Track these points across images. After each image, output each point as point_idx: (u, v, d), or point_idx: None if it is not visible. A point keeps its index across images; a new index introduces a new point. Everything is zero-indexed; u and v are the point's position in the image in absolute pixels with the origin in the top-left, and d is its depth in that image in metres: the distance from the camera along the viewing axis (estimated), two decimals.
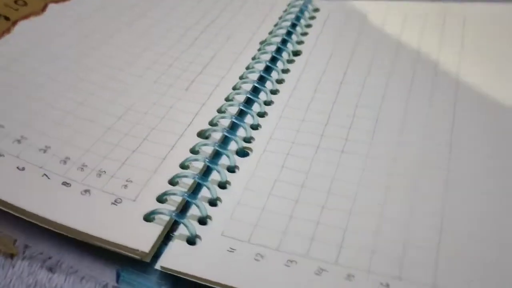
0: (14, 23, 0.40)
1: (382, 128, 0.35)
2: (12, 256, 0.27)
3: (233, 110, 0.35)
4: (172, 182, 0.30)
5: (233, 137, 0.33)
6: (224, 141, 0.33)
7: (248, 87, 0.37)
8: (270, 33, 0.44)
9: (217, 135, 0.33)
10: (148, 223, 0.27)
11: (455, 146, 0.33)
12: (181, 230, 0.28)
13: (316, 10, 0.48)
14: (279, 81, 0.39)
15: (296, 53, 0.42)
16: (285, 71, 0.40)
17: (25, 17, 0.40)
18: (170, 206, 0.28)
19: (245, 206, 0.29)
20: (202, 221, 0.29)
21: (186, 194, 0.29)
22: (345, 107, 0.36)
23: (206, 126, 0.34)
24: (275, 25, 0.45)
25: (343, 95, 0.38)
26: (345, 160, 0.32)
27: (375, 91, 0.38)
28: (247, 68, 0.39)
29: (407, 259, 0.26)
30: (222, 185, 0.31)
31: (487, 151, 0.33)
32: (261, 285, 0.25)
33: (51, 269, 0.26)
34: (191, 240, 0.28)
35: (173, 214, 0.27)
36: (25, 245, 0.27)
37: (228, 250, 0.27)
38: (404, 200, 0.30)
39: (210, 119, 0.34)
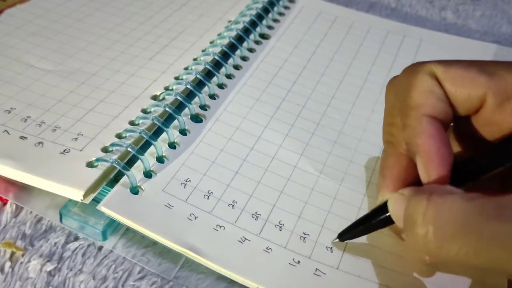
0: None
1: (332, 114, 0.37)
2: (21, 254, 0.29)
3: (191, 78, 0.37)
4: (120, 136, 0.32)
5: (185, 101, 0.34)
6: (179, 105, 0.35)
7: (208, 59, 0.39)
8: (241, 13, 0.45)
9: (171, 99, 0.35)
10: (90, 168, 0.29)
11: None
12: (127, 179, 0.30)
13: (292, 1, 0.50)
14: (243, 58, 0.41)
15: (264, 36, 0.44)
16: (251, 50, 0.42)
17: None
18: (113, 155, 0.30)
19: (189, 168, 0.31)
20: (147, 174, 0.30)
21: (130, 146, 0.30)
22: (300, 95, 0.38)
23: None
24: (247, 6, 0.46)
25: (299, 83, 0.40)
26: (287, 144, 0.34)
27: (329, 87, 0.40)
28: (211, 42, 0.41)
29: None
30: (171, 145, 0.32)
31: None
32: (189, 242, 0.27)
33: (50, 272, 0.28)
34: (134, 190, 0.29)
35: (114, 161, 0.29)
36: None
37: (165, 205, 0.29)
38: (330, 190, 0.31)
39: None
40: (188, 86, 0.35)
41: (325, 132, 0.35)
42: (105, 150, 0.31)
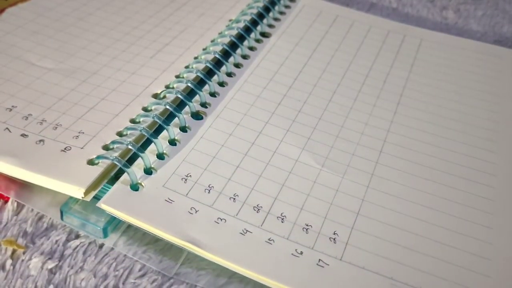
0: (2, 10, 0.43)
1: (333, 109, 0.37)
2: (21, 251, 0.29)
3: (191, 76, 0.37)
4: (121, 134, 0.32)
5: (185, 99, 0.34)
6: (179, 103, 0.35)
7: (209, 57, 0.39)
8: (242, 12, 0.46)
9: (171, 97, 0.35)
10: (91, 166, 0.29)
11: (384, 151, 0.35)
12: (127, 176, 0.29)
13: (293, 0, 0.50)
14: (244, 57, 0.41)
15: (265, 35, 0.44)
16: (252, 48, 0.42)
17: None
18: (114, 153, 0.30)
19: (189, 164, 0.31)
20: (147, 171, 0.30)
21: (130, 143, 0.30)
22: (301, 92, 0.38)
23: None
24: (248, 5, 0.46)
25: (300, 80, 0.40)
26: (288, 139, 0.34)
27: (330, 83, 0.40)
28: (212, 41, 0.41)
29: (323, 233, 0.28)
30: (172, 142, 0.32)
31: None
32: (190, 235, 0.27)
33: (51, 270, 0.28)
34: (134, 187, 0.29)
35: (115, 159, 0.29)
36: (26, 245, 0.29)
37: (166, 200, 0.29)
38: (332, 182, 0.31)
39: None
40: (189, 85, 0.35)
41: (326, 126, 0.35)
42: (106, 147, 0.31)
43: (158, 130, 0.32)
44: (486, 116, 0.38)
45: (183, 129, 0.33)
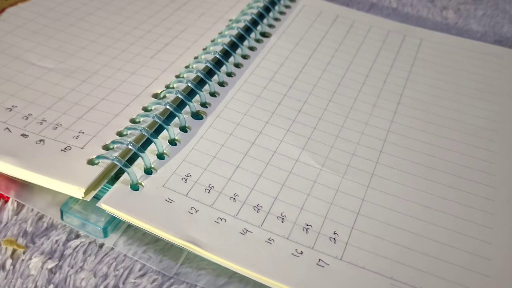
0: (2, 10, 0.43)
1: (334, 109, 0.37)
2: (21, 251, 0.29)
3: (192, 76, 0.37)
4: (121, 134, 0.32)
5: (185, 99, 0.34)
6: (179, 103, 0.35)
7: (209, 57, 0.39)
8: (242, 12, 0.46)
9: (171, 97, 0.35)
10: (91, 166, 0.29)
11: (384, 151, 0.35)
12: (127, 176, 0.30)
13: (293, 0, 0.50)
14: (244, 57, 0.41)
15: (265, 35, 0.44)
16: (252, 48, 0.42)
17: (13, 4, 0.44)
18: (114, 153, 0.30)
19: (190, 164, 0.31)
20: (148, 171, 0.30)
21: (130, 143, 0.30)
22: (301, 92, 0.38)
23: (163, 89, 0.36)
24: (248, 5, 0.46)
25: (300, 80, 0.40)
26: (288, 139, 0.34)
27: (330, 83, 0.40)
28: (212, 41, 0.41)
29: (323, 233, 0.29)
30: (172, 142, 0.32)
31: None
32: (190, 234, 0.27)
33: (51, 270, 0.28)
34: (134, 187, 0.29)
35: (115, 158, 0.29)
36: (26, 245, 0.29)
37: (166, 200, 0.29)
38: (332, 182, 0.31)
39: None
40: (189, 84, 0.36)
41: (326, 126, 0.35)
42: (106, 147, 0.31)
43: (158, 130, 0.33)
44: (486, 116, 0.38)
45: (183, 129, 0.33)
